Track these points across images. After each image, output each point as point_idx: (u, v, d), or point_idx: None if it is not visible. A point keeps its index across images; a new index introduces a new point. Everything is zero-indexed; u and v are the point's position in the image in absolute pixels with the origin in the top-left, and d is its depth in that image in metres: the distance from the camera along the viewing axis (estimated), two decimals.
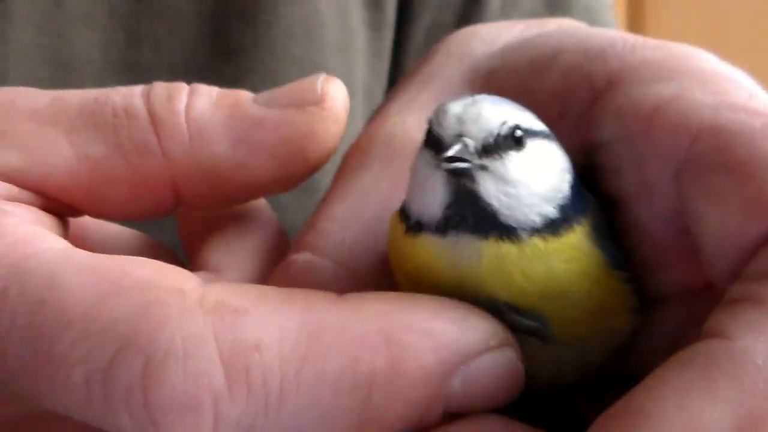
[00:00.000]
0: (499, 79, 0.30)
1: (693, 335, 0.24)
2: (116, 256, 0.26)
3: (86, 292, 0.25)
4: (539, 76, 0.29)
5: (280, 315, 0.25)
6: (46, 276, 0.25)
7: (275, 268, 0.30)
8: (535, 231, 0.26)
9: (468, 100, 0.26)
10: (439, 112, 0.26)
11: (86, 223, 0.33)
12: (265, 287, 0.26)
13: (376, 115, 0.32)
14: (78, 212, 0.31)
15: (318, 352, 0.24)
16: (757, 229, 0.24)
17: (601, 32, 0.30)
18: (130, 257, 0.26)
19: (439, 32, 0.54)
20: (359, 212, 0.29)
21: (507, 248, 0.25)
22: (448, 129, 0.26)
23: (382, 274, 0.28)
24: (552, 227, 0.26)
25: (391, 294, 0.26)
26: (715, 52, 0.28)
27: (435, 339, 0.25)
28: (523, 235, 0.25)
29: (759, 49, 1.25)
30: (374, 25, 0.53)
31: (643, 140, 0.26)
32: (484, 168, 0.26)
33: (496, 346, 0.25)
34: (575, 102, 0.28)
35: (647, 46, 0.28)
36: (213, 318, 0.24)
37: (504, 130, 0.26)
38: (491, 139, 0.26)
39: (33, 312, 0.25)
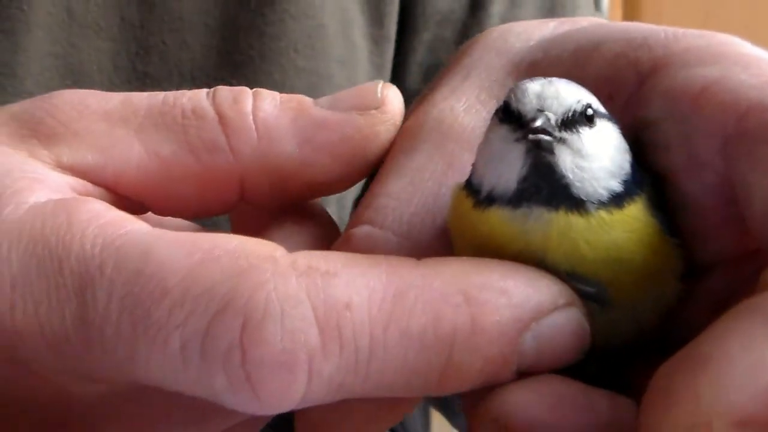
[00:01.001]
0: (541, 69, 0.31)
1: (736, 301, 0.25)
2: (203, 233, 0.27)
3: (181, 261, 0.26)
4: (583, 65, 0.31)
5: (367, 276, 0.26)
6: (140, 250, 0.26)
7: (335, 243, 0.31)
8: (602, 204, 0.27)
9: (543, 80, 0.28)
10: (518, 90, 0.28)
11: (147, 219, 0.34)
12: (351, 254, 0.27)
13: (418, 104, 0.33)
14: (144, 210, 0.32)
15: (403, 310, 0.25)
16: None
17: (640, 24, 0.31)
18: (215, 233, 0.27)
19: (439, 47, 0.55)
20: (416, 189, 0.30)
21: (575, 220, 0.27)
22: (528, 104, 0.27)
23: (441, 248, 0.29)
24: (616, 200, 0.27)
25: (465, 258, 0.27)
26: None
27: (509, 297, 0.26)
28: (591, 208, 0.27)
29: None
30: (376, 40, 0.54)
31: (692, 117, 0.28)
32: (562, 141, 0.27)
33: (565, 304, 0.27)
34: (622, 87, 0.30)
35: (689, 35, 0.30)
36: (306, 280, 0.25)
37: (579, 108, 0.28)
38: (569, 115, 0.27)
39: (130, 282, 0.25)
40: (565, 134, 0.27)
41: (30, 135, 0.30)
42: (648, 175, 0.29)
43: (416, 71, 0.56)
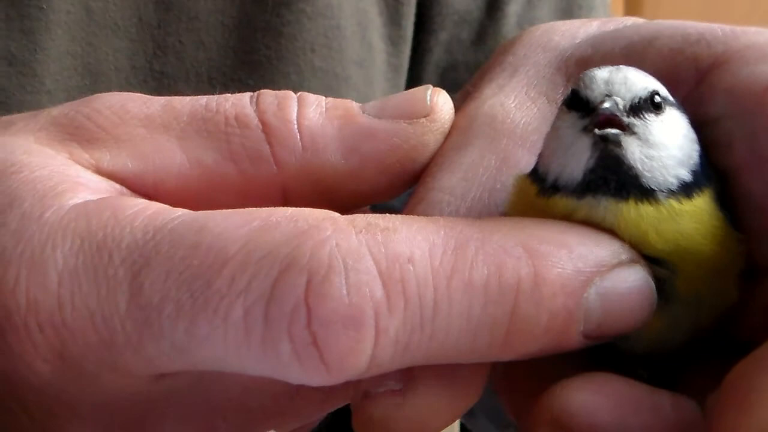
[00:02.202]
0: (591, 65, 0.30)
1: None
2: (254, 209, 0.27)
3: (238, 230, 0.25)
4: (637, 60, 0.30)
5: (426, 231, 0.25)
6: (195, 226, 0.26)
7: None
8: (672, 193, 0.27)
9: (612, 67, 0.28)
10: (586, 77, 0.28)
11: None
12: (407, 215, 0.27)
13: (467, 100, 0.33)
14: None
15: (465, 262, 0.25)
16: None
17: (692, 22, 0.31)
18: (267, 207, 0.27)
19: (456, 47, 0.55)
20: (470, 184, 0.30)
21: (645, 209, 0.27)
22: (596, 90, 0.27)
23: None
24: (685, 190, 0.27)
25: (523, 217, 0.27)
26: None
27: (570, 249, 0.26)
28: (661, 197, 0.27)
29: None
30: (393, 40, 0.54)
31: (757, 114, 0.28)
32: (631, 128, 0.27)
33: (628, 261, 0.27)
34: (680, 83, 0.30)
35: (748, 32, 0.29)
36: (366, 236, 0.25)
37: (648, 94, 0.27)
38: (637, 101, 0.27)
39: (187, 257, 0.25)
40: (633, 120, 0.27)
41: (70, 139, 0.30)
42: (713, 171, 0.29)
43: (432, 72, 0.56)
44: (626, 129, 0.27)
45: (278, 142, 0.30)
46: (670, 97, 0.28)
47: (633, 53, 0.31)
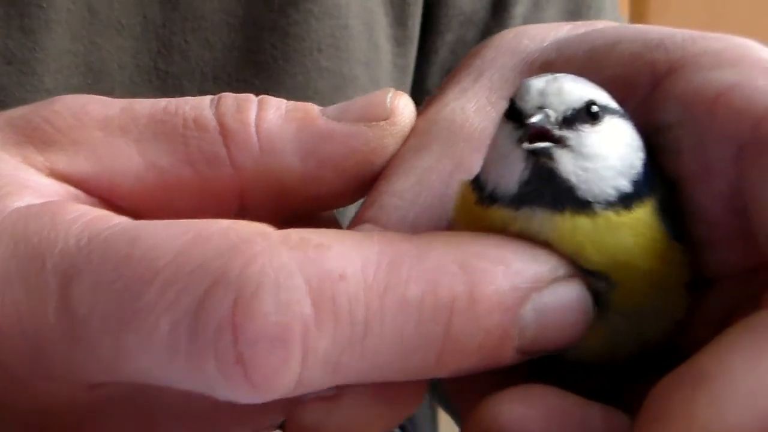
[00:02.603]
0: (554, 69, 0.30)
1: (743, 317, 0.24)
2: (191, 220, 0.26)
3: (171, 242, 0.25)
4: (598, 65, 0.30)
5: (360, 248, 0.25)
6: (129, 237, 0.25)
7: None
8: (609, 204, 0.27)
9: (549, 76, 0.27)
10: (522, 87, 0.27)
11: None
12: (342, 230, 0.26)
13: (428, 103, 0.32)
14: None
15: (399, 279, 0.25)
16: None
17: (657, 27, 0.31)
18: (203, 219, 0.26)
19: (462, 49, 0.55)
20: (422, 189, 0.30)
21: (581, 221, 0.26)
22: (529, 101, 0.27)
23: None
24: (624, 201, 0.27)
25: (461, 232, 0.27)
26: None
27: (507, 265, 0.25)
28: (598, 208, 0.26)
29: None
30: (399, 41, 0.53)
31: (707, 123, 0.27)
32: (563, 141, 0.26)
33: (565, 276, 0.26)
34: (637, 88, 0.29)
35: (707, 38, 0.29)
36: (297, 252, 0.24)
37: (583, 105, 0.27)
38: (570, 112, 0.27)
39: (118, 268, 0.25)
40: (566, 132, 0.27)
41: (26, 141, 0.29)
42: (662, 180, 0.28)
43: (438, 73, 0.55)
44: (558, 141, 0.26)
45: (235, 144, 0.30)
46: (613, 105, 0.28)
47: (595, 57, 0.30)
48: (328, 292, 0.24)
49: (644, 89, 0.29)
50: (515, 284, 0.25)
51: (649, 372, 0.27)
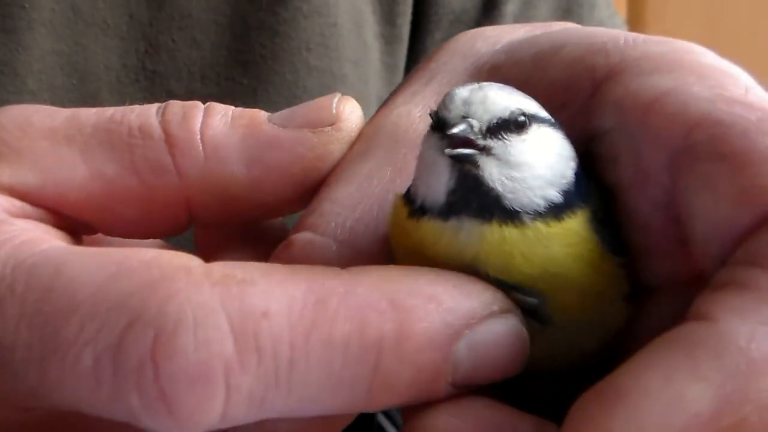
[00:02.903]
0: (502, 73, 0.30)
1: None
2: (120, 248, 0.26)
3: (93, 275, 0.25)
4: (542, 69, 0.30)
5: (286, 285, 0.25)
6: (52, 266, 0.25)
7: (276, 249, 0.30)
8: (539, 215, 0.26)
9: (475, 85, 0.27)
10: (447, 96, 0.27)
11: (105, 239, 0.33)
12: (270, 264, 0.26)
13: (381, 107, 0.32)
14: (92, 230, 0.31)
15: (325, 317, 0.24)
16: (747, 218, 0.24)
17: (605, 30, 0.30)
18: (133, 248, 0.26)
19: None
20: (362, 196, 0.29)
21: (509, 231, 0.26)
22: (453, 111, 0.26)
23: (382, 256, 0.29)
24: (555, 211, 0.26)
25: (392, 266, 0.27)
26: (716, 52, 0.28)
27: (438, 303, 0.25)
28: (526, 219, 0.26)
29: (760, 50, 1.25)
30: (388, 39, 0.53)
31: (641, 130, 0.27)
32: (487, 150, 0.26)
33: (500, 311, 0.26)
34: (577, 93, 0.29)
35: (649, 41, 0.28)
36: (220, 289, 0.24)
37: (508, 114, 0.26)
38: (495, 122, 0.26)
39: (40, 299, 0.25)
40: (490, 142, 0.26)
41: None
42: (598, 188, 0.28)
43: None
44: (482, 150, 0.26)
45: (180, 152, 0.30)
46: (542, 114, 0.27)
47: (540, 61, 0.30)
48: (250, 330, 0.24)
49: (584, 94, 0.29)
50: (447, 321, 0.25)
51: (593, 381, 0.27)
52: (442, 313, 0.25)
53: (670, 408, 0.22)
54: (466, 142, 0.26)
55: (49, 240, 0.27)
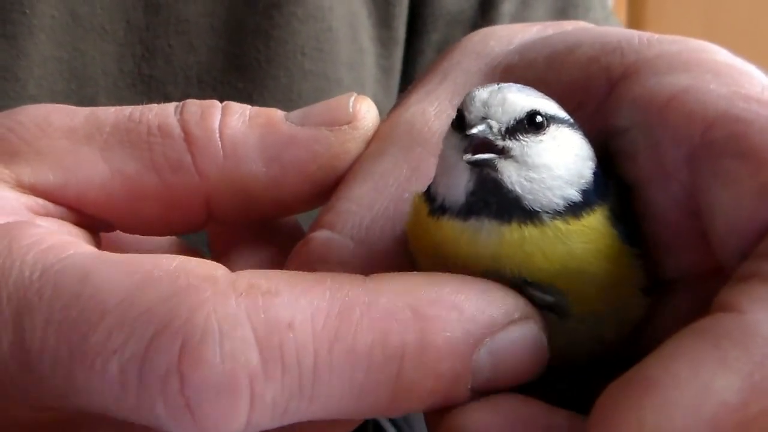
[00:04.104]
0: (516, 73, 0.31)
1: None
2: (145, 255, 0.26)
3: (120, 283, 0.25)
4: (557, 69, 0.30)
5: (310, 295, 0.25)
6: (79, 273, 0.25)
7: (294, 248, 0.30)
8: (558, 214, 0.27)
9: (494, 86, 0.28)
10: (467, 97, 0.27)
11: (121, 236, 0.33)
12: (294, 272, 0.26)
13: (396, 106, 0.33)
14: (111, 227, 0.31)
15: (349, 328, 0.25)
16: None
17: (618, 29, 0.31)
18: (158, 254, 0.26)
19: None
20: (379, 194, 0.30)
21: (530, 231, 0.26)
22: (473, 112, 0.27)
23: (399, 254, 0.29)
24: (573, 210, 0.27)
25: (415, 273, 0.27)
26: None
27: (460, 312, 0.25)
28: (546, 218, 0.27)
29: (759, 50, 1.26)
30: (383, 42, 0.53)
31: (659, 126, 0.27)
32: (506, 151, 0.27)
33: (520, 318, 0.26)
34: (593, 92, 0.29)
35: (663, 41, 0.29)
36: (246, 300, 0.25)
37: (526, 115, 0.27)
38: (514, 123, 0.27)
39: (68, 307, 0.25)
40: (509, 143, 0.27)
41: None
42: (617, 184, 0.28)
43: None
44: (501, 152, 0.27)
45: (199, 151, 0.30)
46: (561, 114, 0.28)
47: (554, 61, 0.30)
48: (275, 342, 0.24)
49: (600, 93, 0.29)
50: (468, 330, 0.25)
51: (616, 373, 0.28)
52: (463, 323, 0.25)
53: (698, 397, 0.22)
54: (486, 143, 0.26)
55: (74, 244, 0.27)
